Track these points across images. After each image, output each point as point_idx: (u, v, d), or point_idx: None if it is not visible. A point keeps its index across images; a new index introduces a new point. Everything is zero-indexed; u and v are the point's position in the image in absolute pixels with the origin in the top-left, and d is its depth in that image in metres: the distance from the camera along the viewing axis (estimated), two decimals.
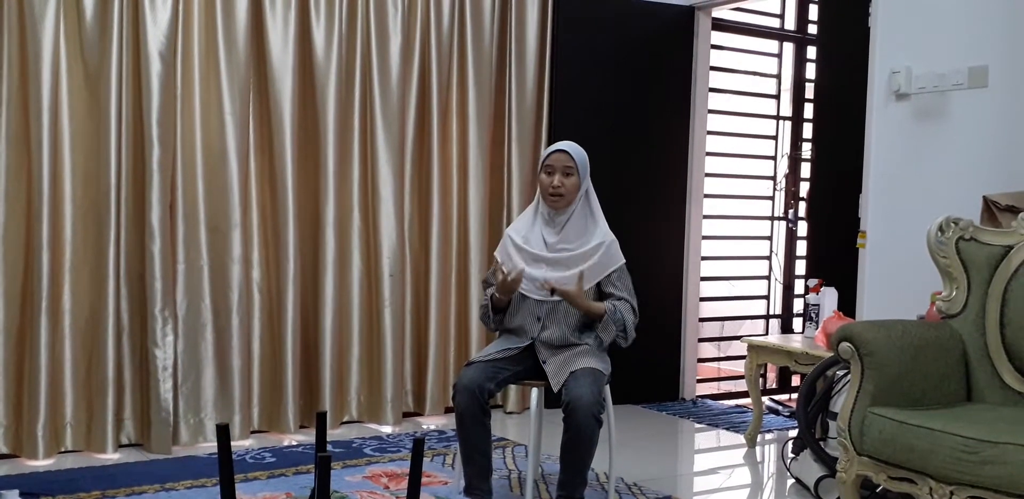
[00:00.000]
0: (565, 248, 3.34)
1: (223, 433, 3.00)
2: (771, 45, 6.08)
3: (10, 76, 3.83)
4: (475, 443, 3.23)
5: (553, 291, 3.24)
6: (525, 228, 3.43)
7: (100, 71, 3.98)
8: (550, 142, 4.81)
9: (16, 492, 3.31)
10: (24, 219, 3.88)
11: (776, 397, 5.75)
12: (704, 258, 5.60)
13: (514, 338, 3.37)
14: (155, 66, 4.03)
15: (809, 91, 5.89)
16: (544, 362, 3.28)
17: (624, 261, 3.39)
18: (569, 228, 3.36)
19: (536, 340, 3.32)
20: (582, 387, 3.08)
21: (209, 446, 4.12)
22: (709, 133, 5.55)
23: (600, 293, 3.36)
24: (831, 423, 3.65)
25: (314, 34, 4.44)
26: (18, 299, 3.89)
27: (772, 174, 6.18)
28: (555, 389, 3.18)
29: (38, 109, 3.84)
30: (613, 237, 3.39)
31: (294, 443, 4.30)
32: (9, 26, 3.82)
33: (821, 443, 3.70)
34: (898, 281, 4.08)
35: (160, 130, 4.04)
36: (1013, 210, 3.53)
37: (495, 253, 3.51)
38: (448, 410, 4.85)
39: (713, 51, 5.55)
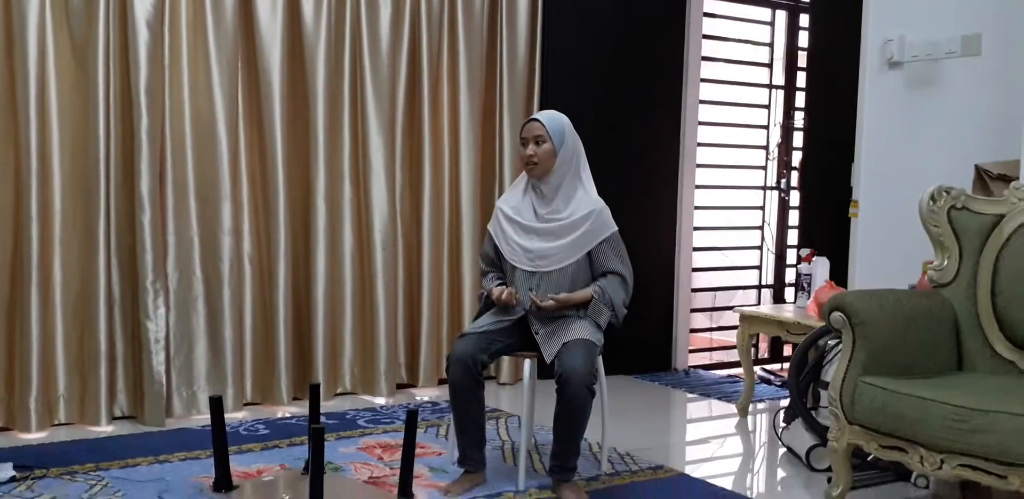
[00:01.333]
0: (555, 218, 3.32)
1: (216, 405, 3.01)
2: (764, 13, 6.03)
3: None
4: (469, 414, 3.24)
5: (539, 308, 3.23)
6: (515, 199, 3.42)
7: (87, 41, 3.93)
8: (540, 108, 4.78)
9: (10, 465, 3.31)
10: (12, 192, 3.85)
11: (768, 367, 5.78)
12: (696, 228, 5.59)
13: (507, 309, 3.37)
14: (142, 36, 3.99)
15: (802, 60, 5.87)
16: (536, 333, 3.28)
17: (616, 229, 3.37)
18: (558, 197, 3.34)
19: (528, 311, 3.32)
20: (575, 358, 3.08)
21: (203, 418, 4.12)
22: (701, 102, 5.52)
23: (592, 263, 3.35)
24: (822, 392, 3.67)
25: (303, 2, 4.39)
26: (8, 272, 3.87)
27: (764, 143, 6.16)
28: (547, 360, 3.19)
29: (24, 80, 3.80)
30: (603, 204, 3.36)
31: (287, 415, 4.31)
32: None
33: (813, 412, 3.72)
34: (890, 250, 4.08)
35: (148, 100, 4.01)
36: (1005, 179, 3.53)
37: (488, 226, 3.50)
38: (442, 382, 4.86)
39: (705, 19, 5.51)
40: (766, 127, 6.14)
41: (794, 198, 5.89)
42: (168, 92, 4.12)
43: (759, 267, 6.26)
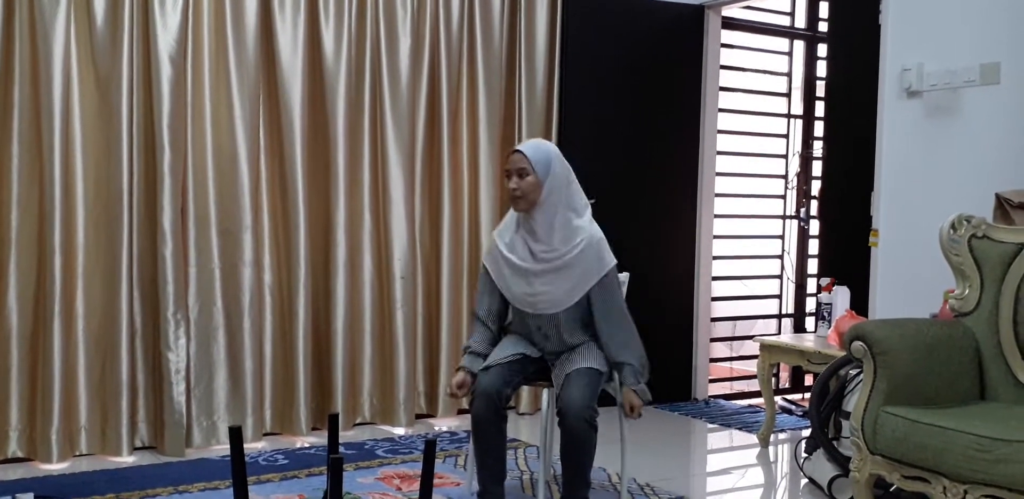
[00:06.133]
0: (550, 256, 3.18)
1: (236, 435, 3.01)
2: (781, 43, 6.06)
3: (22, 81, 3.85)
4: (490, 448, 3.20)
5: (632, 409, 3.25)
6: (509, 233, 3.29)
7: (111, 75, 3.99)
8: (560, 143, 4.80)
9: (31, 495, 3.33)
10: (37, 224, 3.90)
11: (789, 397, 5.73)
12: (716, 257, 5.58)
13: (525, 342, 3.35)
14: (165, 70, 4.05)
15: (820, 89, 5.87)
16: (552, 365, 3.28)
17: (614, 263, 3.23)
18: (553, 233, 3.18)
19: (545, 352, 3.33)
20: (574, 391, 3.08)
21: (222, 448, 4.13)
22: (720, 132, 5.53)
23: (589, 303, 3.24)
24: (844, 422, 3.63)
25: (323, 36, 4.45)
26: (31, 303, 3.90)
27: (783, 173, 6.16)
28: (556, 392, 3.19)
29: (50, 114, 3.86)
30: (600, 235, 3.21)
31: (306, 445, 4.31)
32: (21, 31, 3.84)
33: (834, 442, 3.69)
34: (911, 279, 4.06)
35: (171, 134, 4.06)
36: None
37: (483, 260, 3.39)
38: (460, 412, 4.85)
39: (723, 49, 5.54)
40: (785, 156, 6.14)
41: (814, 227, 5.87)
42: (190, 126, 4.17)
43: (779, 296, 6.24)
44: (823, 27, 5.84)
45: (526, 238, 3.23)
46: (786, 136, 6.12)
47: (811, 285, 5.96)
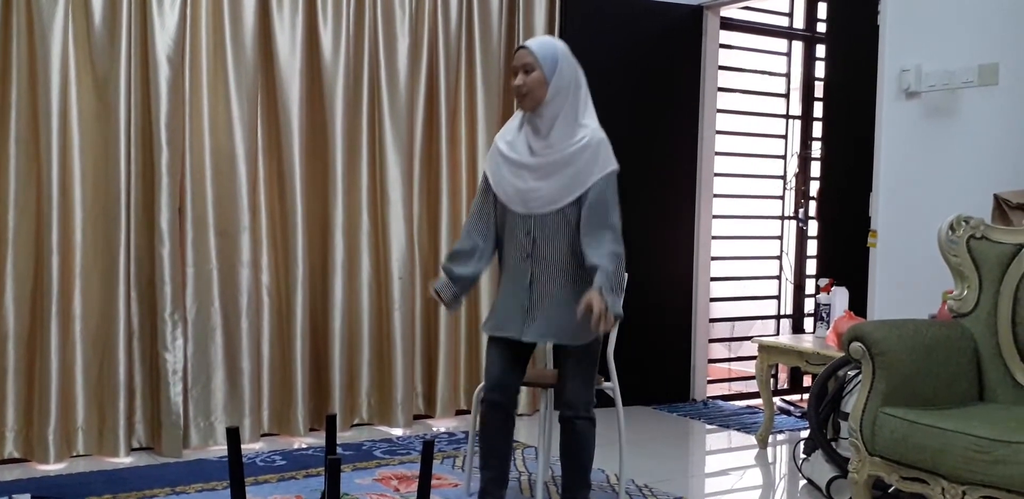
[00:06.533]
0: (548, 152, 3.02)
1: (233, 436, 3.00)
2: (780, 44, 6.06)
3: (19, 81, 3.84)
4: (496, 449, 3.14)
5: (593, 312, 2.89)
6: (511, 133, 3.14)
7: (109, 76, 3.99)
8: None
9: (28, 496, 3.32)
10: (34, 224, 3.89)
11: (787, 398, 5.73)
12: (714, 258, 5.58)
13: (511, 288, 3.10)
14: (163, 70, 4.04)
15: (819, 90, 5.88)
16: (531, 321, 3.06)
17: (616, 167, 3.06)
18: (554, 130, 3.02)
19: (532, 279, 3.05)
20: (572, 389, 3.06)
21: (219, 449, 4.12)
22: (718, 132, 5.53)
23: (580, 205, 3.02)
24: (843, 423, 3.63)
25: (321, 37, 4.44)
26: (28, 304, 3.90)
27: (782, 173, 6.15)
28: (525, 339, 3.04)
29: (47, 114, 3.85)
30: (603, 137, 3.05)
31: (304, 446, 4.30)
32: (18, 31, 3.83)
33: (833, 444, 3.68)
34: (909, 280, 4.06)
35: (169, 134, 4.05)
36: None
37: (484, 165, 3.23)
38: (459, 413, 4.85)
39: (722, 50, 5.54)
40: (783, 157, 6.14)
41: (812, 228, 5.87)
42: (188, 126, 4.17)
43: (778, 297, 6.24)
44: (822, 28, 5.84)
45: (528, 136, 3.07)
46: (784, 137, 6.12)
47: (810, 286, 5.96)
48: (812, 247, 5.88)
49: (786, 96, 6.10)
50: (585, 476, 3.15)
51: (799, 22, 6.09)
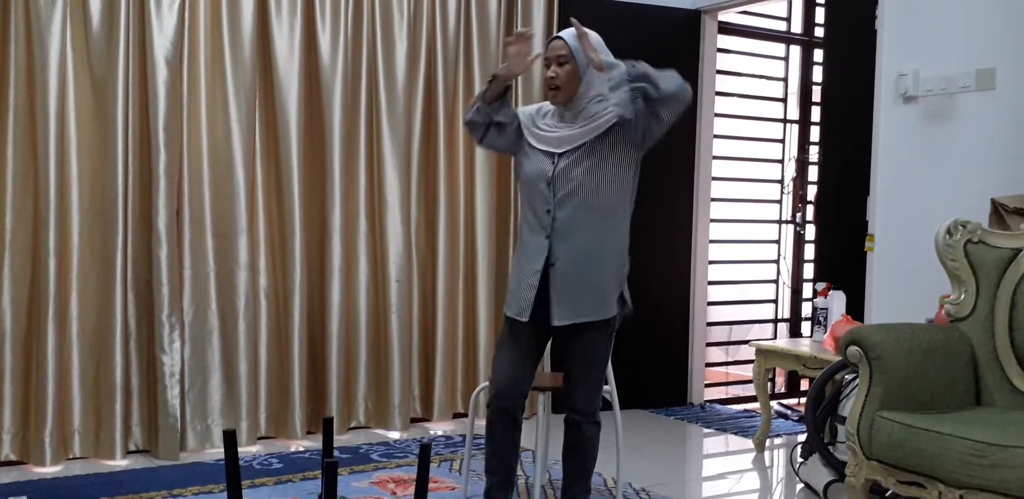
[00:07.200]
0: (573, 124, 2.96)
1: (230, 439, 3.00)
2: (778, 48, 6.07)
3: (17, 83, 3.84)
4: (501, 454, 3.10)
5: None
6: (535, 112, 3.08)
7: (107, 78, 3.99)
8: None
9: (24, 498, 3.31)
10: (31, 226, 3.89)
11: (785, 401, 5.73)
12: (712, 262, 5.58)
13: (528, 258, 2.99)
14: (161, 73, 4.04)
15: (816, 94, 5.88)
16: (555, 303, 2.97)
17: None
18: (578, 119, 2.99)
19: (551, 241, 2.94)
20: (582, 393, 3.05)
21: (216, 452, 4.12)
22: (716, 137, 5.53)
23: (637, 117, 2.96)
24: (840, 427, 3.63)
25: (320, 40, 4.44)
26: (25, 306, 3.89)
27: (780, 177, 6.16)
28: (555, 323, 2.93)
29: (45, 116, 3.85)
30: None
31: (301, 449, 4.29)
32: (16, 34, 3.83)
33: (830, 447, 3.68)
34: (906, 284, 4.07)
35: (167, 136, 4.05)
36: (1021, 213, 3.52)
37: (517, 111, 3.15)
38: (456, 416, 4.84)
39: (719, 54, 5.54)
40: (781, 161, 6.15)
41: (809, 232, 5.88)
42: (186, 128, 4.16)
43: (775, 301, 6.24)
44: (819, 32, 5.85)
45: (555, 119, 3.00)
46: (782, 141, 6.13)
47: (807, 290, 5.96)
48: (810, 251, 5.88)
49: (784, 100, 6.11)
50: (587, 479, 3.14)
51: (797, 26, 6.10)
